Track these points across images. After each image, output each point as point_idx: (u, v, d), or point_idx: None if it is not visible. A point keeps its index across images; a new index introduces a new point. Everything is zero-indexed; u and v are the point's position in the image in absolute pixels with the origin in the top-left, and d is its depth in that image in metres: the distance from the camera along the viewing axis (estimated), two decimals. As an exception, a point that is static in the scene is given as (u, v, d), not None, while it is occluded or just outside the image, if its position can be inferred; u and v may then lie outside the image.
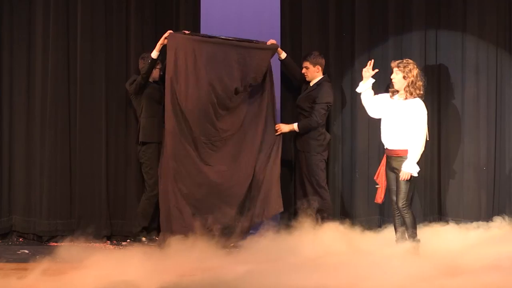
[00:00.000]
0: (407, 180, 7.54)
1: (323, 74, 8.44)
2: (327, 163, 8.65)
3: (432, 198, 8.71)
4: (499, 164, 8.70)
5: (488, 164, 8.68)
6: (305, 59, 8.41)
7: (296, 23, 8.74)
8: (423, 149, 7.66)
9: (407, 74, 7.59)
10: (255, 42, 8.19)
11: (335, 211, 8.65)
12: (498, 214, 8.57)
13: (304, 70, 8.41)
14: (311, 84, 8.42)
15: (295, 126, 8.31)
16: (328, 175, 8.70)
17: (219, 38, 8.13)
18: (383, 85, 8.51)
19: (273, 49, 8.19)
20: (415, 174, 7.57)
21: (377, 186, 7.83)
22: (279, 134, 8.26)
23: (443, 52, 8.68)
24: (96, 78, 8.61)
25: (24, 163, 8.70)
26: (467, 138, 8.68)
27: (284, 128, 8.30)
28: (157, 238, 8.32)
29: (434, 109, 8.66)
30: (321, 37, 8.73)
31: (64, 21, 8.62)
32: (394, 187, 7.66)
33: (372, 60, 7.96)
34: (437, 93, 8.69)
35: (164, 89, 8.27)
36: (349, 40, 8.75)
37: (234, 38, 8.16)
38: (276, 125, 8.28)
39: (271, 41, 8.25)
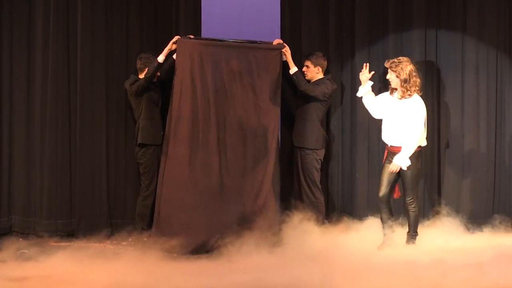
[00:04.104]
0: (414, 175, 7.69)
1: (324, 75, 8.44)
2: (327, 163, 8.66)
3: (432, 198, 8.71)
4: (499, 163, 8.70)
5: (488, 163, 8.69)
6: (307, 57, 8.42)
7: (296, 23, 8.75)
8: (423, 143, 7.82)
9: (399, 73, 7.71)
10: (259, 43, 8.21)
11: (335, 211, 8.65)
12: (498, 214, 8.59)
13: (304, 69, 8.41)
14: (312, 81, 8.42)
15: (295, 68, 8.21)
16: (328, 174, 8.72)
17: (226, 41, 8.15)
18: (383, 85, 8.52)
19: (280, 49, 8.19)
20: (404, 168, 7.72)
21: None
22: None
23: (443, 51, 8.68)
24: (96, 78, 8.61)
25: (24, 163, 8.69)
26: (467, 137, 8.69)
27: (288, 53, 8.18)
28: (145, 239, 8.31)
29: (434, 109, 8.67)
30: (321, 37, 8.74)
31: (64, 21, 8.62)
32: (385, 181, 7.81)
33: (368, 64, 8.05)
34: (437, 92, 8.70)
35: (161, 90, 8.40)
36: (349, 40, 8.76)
37: (240, 40, 8.17)
38: (286, 47, 8.19)
39: (277, 41, 8.25)
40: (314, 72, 8.41)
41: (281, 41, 8.26)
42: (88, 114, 8.60)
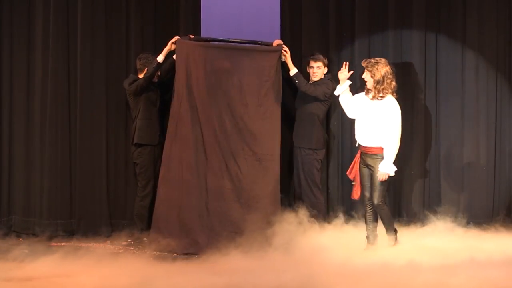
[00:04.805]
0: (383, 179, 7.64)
1: (324, 75, 8.45)
2: (327, 163, 8.66)
3: (432, 198, 8.71)
4: (499, 163, 8.70)
5: (488, 163, 8.68)
6: (318, 59, 8.34)
7: (296, 23, 8.75)
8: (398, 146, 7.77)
9: (374, 74, 7.68)
10: (260, 43, 8.21)
11: (335, 211, 8.64)
12: (498, 214, 8.59)
13: (315, 70, 8.34)
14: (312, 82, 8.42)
15: (295, 69, 8.21)
16: (327, 175, 8.71)
17: (226, 41, 8.15)
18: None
19: (279, 50, 8.18)
20: (392, 174, 7.67)
21: (353, 183, 7.91)
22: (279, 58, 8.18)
23: (443, 52, 8.69)
24: (96, 78, 8.62)
25: (24, 163, 8.70)
26: (467, 137, 8.69)
27: (287, 55, 8.17)
28: (145, 239, 8.34)
29: (434, 109, 8.68)
30: (321, 37, 8.73)
31: (64, 21, 8.62)
32: (367, 183, 7.78)
33: (347, 63, 8.07)
34: (437, 93, 8.70)
35: (160, 91, 8.42)
36: (349, 40, 8.75)
37: (240, 40, 8.18)
38: (285, 49, 8.18)
39: (277, 41, 8.25)
40: (322, 73, 8.41)
41: (281, 42, 8.26)
42: (88, 114, 8.60)
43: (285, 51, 8.19)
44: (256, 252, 7.51)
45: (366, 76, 7.77)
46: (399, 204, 8.66)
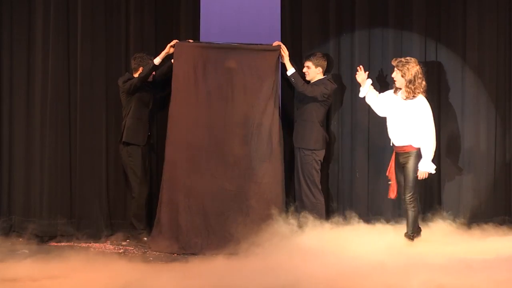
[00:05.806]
0: (415, 174, 7.73)
1: (324, 75, 8.44)
2: (327, 163, 8.66)
3: (431, 197, 8.71)
4: (499, 163, 8.70)
5: (488, 163, 8.69)
6: (308, 58, 8.39)
7: (296, 23, 8.75)
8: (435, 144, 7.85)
9: (404, 73, 7.72)
10: (259, 45, 8.23)
11: (335, 212, 8.64)
12: (497, 214, 8.60)
13: (305, 70, 8.39)
14: (311, 82, 8.41)
15: (292, 69, 8.19)
16: (328, 175, 8.71)
17: (224, 45, 8.17)
18: (383, 85, 8.53)
19: (277, 50, 8.19)
20: (433, 172, 7.78)
21: (389, 182, 7.98)
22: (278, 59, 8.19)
23: (443, 51, 8.68)
24: (96, 78, 8.62)
25: (24, 163, 8.70)
26: (467, 137, 8.69)
27: (285, 55, 8.17)
28: (145, 239, 8.36)
29: (434, 108, 8.63)
30: (321, 37, 8.73)
31: (64, 21, 8.63)
32: (403, 182, 7.86)
33: (361, 66, 8.12)
34: (437, 92, 8.70)
35: (154, 92, 8.45)
36: (349, 40, 8.75)
37: (239, 44, 8.19)
38: (283, 49, 8.18)
39: (276, 43, 8.26)
40: (315, 73, 8.40)
41: (279, 43, 8.27)
42: (88, 114, 8.61)
43: (283, 51, 8.20)
44: (245, 254, 7.50)
45: (396, 75, 7.82)
46: (399, 204, 8.64)
